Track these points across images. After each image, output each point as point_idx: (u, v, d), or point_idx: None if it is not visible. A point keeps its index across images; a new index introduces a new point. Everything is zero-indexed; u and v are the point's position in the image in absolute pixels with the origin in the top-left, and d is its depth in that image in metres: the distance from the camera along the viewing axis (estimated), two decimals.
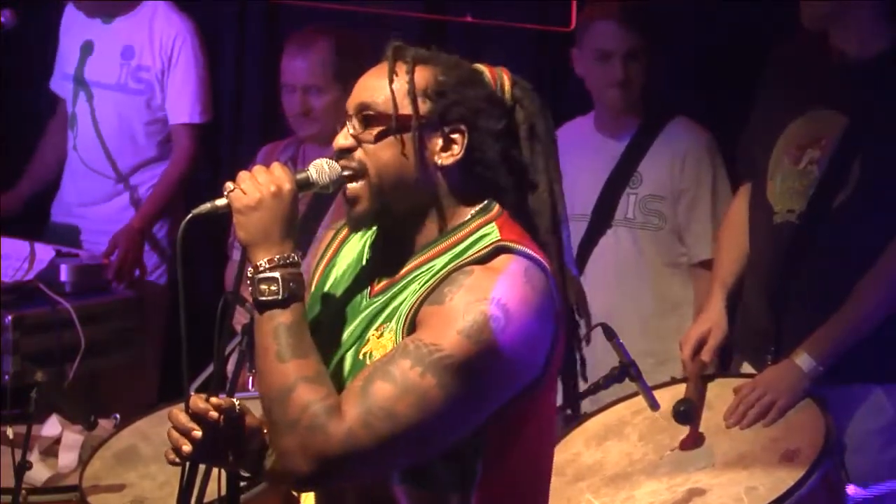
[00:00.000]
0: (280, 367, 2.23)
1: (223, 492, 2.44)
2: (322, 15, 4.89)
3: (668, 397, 3.52)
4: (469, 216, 2.35)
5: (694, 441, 3.38)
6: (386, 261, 2.39)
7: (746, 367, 3.70)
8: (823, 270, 3.53)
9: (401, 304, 2.31)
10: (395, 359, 2.21)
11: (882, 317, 3.45)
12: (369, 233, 2.47)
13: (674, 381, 3.65)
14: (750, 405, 3.40)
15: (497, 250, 2.28)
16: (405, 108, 2.33)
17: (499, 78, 2.41)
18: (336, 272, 2.47)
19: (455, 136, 2.34)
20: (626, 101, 4.16)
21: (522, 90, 2.41)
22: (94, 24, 5.06)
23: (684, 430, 3.41)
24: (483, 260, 2.27)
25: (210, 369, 3.55)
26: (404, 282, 2.33)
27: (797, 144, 3.60)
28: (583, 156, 4.22)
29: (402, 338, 2.26)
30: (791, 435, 3.32)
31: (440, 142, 2.34)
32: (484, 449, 2.28)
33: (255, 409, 2.39)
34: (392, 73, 2.35)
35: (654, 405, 3.35)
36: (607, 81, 4.13)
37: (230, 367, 3.88)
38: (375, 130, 2.33)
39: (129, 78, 5.02)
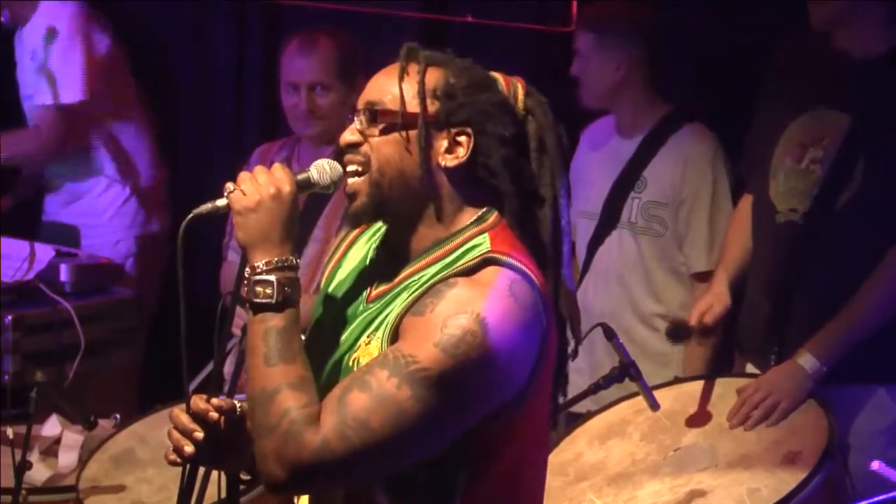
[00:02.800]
0: (266, 370, 2.22)
1: (223, 494, 2.44)
2: (322, 15, 4.89)
3: (671, 396, 3.52)
4: (465, 224, 2.33)
5: (701, 419, 3.38)
6: (385, 266, 2.38)
7: (750, 368, 3.70)
8: (826, 270, 3.52)
9: (390, 312, 2.30)
10: (373, 368, 2.20)
11: (886, 317, 3.45)
12: (375, 236, 2.46)
13: (676, 381, 3.65)
14: (753, 406, 3.39)
15: (484, 262, 2.26)
16: (413, 107, 2.32)
17: (513, 86, 2.39)
18: (341, 274, 2.47)
19: (461, 138, 2.33)
20: (584, 97, 4.20)
21: (536, 102, 2.40)
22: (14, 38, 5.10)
23: (686, 431, 3.41)
24: (469, 272, 2.25)
25: (206, 371, 3.56)
26: (397, 290, 2.32)
27: (799, 143, 3.60)
28: (599, 154, 4.24)
29: (386, 347, 2.25)
30: (794, 436, 3.31)
31: (445, 143, 2.33)
32: (468, 460, 2.26)
33: None
34: (403, 72, 2.34)
35: (655, 405, 3.35)
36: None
37: (227, 368, 3.90)
38: (381, 125, 2.32)
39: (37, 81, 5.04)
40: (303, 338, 2.29)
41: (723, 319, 3.71)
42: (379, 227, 2.46)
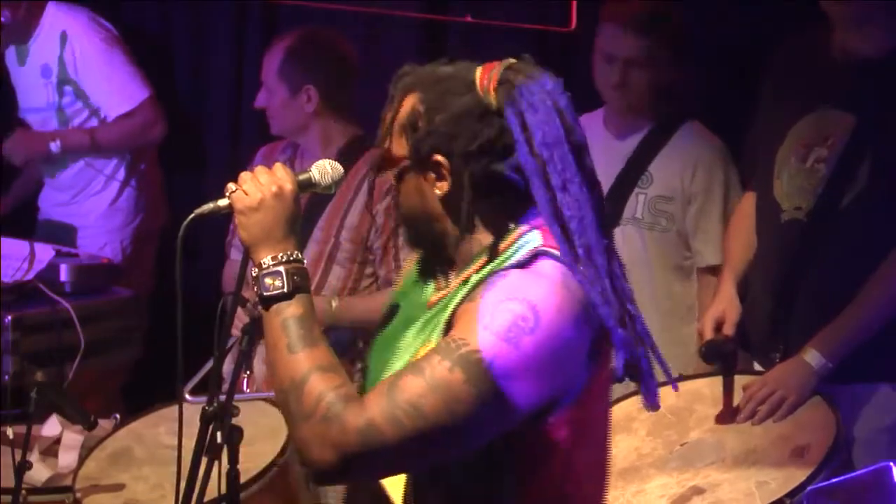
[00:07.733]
0: (291, 358, 2.20)
1: (223, 491, 2.43)
2: (321, 15, 4.89)
3: (674, 394, 3.51)
4: (510, 227, 2.27)
5: (729, 415, 3.38)
6: (438, 273, 2.37)
7: (754, 365, 3.70)
8: (831, 268, 3.52)
9: (446, 313, 2.27)
10: (428, 355, 2.18)
11: (891, 314, 3.45)
12: None
13: (679, 378, 3.64)
14: (760, 402, 3.39)
15: (536, 255, 2.22)
16: (399, 150, 2.30)
17: (487, 80, 2.28)
18: (404, 283, 2.46)
19: (439, 166, 2.27)
20: (625, 103, 4.10)
21: (509, 86, 2.26)
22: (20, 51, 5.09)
23: (691, 427, 3.41)
24: (523, 264, 2.22)
25: (204, 371, 3.56)
26: (452, 294, 2.29)
27: (804, 143, 3.60)
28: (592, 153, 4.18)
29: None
30: (800, 431, 3.31)
31: (432, 174, 2.29)
32: (515, 462, 2.23)
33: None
34: (390, 106, 2.33)
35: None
36: (607, 83, 4.10)
37: (226, 367, 3.89)
38: (393, 172, 2.33)
39: (54, 95, 5.04)
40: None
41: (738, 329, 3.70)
42: None
